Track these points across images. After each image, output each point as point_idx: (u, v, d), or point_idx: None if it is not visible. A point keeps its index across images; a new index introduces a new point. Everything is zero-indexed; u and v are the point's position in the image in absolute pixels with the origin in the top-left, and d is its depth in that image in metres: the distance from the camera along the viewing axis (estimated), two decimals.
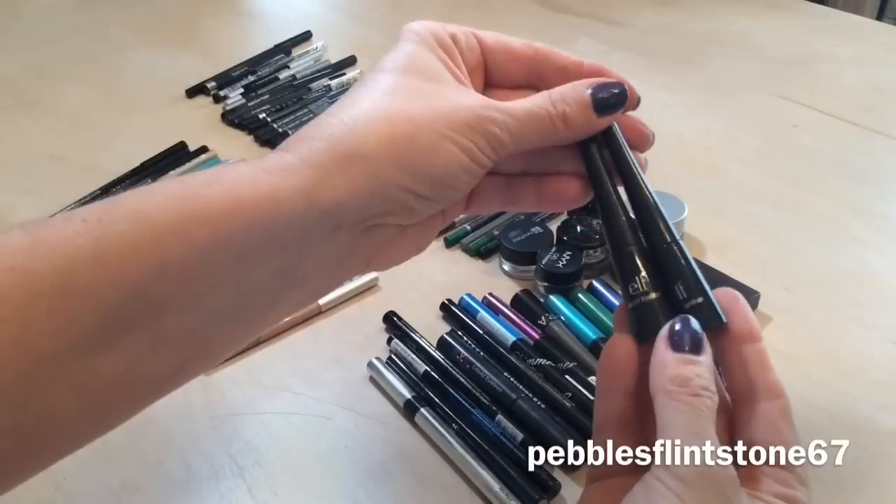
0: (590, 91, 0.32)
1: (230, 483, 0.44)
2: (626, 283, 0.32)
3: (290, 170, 0.28)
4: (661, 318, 0.31)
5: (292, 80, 0.88)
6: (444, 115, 0.30)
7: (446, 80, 0.32)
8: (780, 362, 0.52)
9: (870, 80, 0.86)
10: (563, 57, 0.35)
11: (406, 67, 0.32)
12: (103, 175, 0.71)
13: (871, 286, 0.57)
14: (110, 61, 0.94)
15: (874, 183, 0.70)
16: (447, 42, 0.34)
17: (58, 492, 0.43)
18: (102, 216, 0.25)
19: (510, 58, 0.35)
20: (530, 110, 0.32)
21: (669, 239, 0.32)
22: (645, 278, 0.31)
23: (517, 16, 1.03)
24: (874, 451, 0.45)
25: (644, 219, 0.32)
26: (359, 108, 0.30)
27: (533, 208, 0.37)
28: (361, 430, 0.47)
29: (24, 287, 0.23)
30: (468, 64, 0.34)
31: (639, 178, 0.33)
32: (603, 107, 0.32)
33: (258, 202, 0.27)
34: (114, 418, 0.28)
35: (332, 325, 0.55)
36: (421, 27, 0.33)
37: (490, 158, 0.31)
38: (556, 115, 0.32)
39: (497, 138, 0.31)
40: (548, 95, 0.32)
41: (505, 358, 0.50)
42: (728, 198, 0.67)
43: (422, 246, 0.34)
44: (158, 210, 0.26)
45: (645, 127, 0.35)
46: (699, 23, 1.00)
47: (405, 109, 0.30)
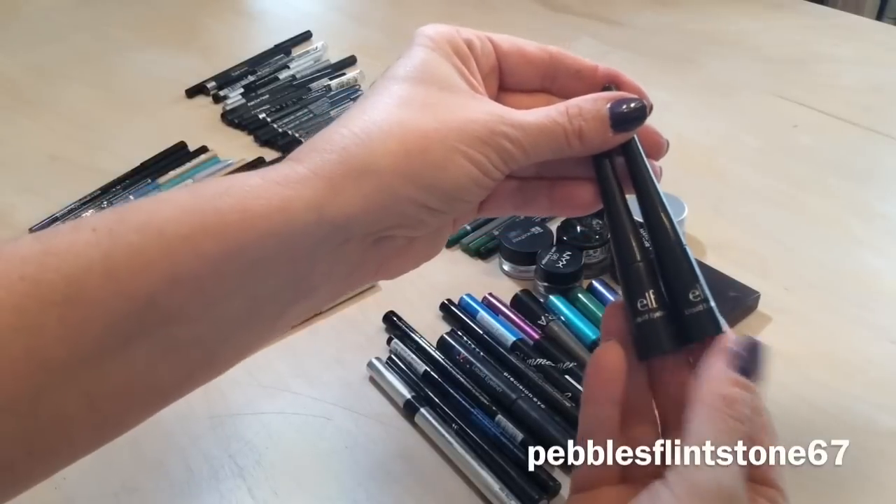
0: (608, 106, 0.32)
1: (230, 483, 0.44)
2: (633, 298, 0.31)
3: (303, 182, 0.28)
4: (666, 336, 0.31)
5: (292, 80, 0.88)
6: (457, 130, 0.29)
7: (460, 90, 0.32)
8: (780, 362, 0.52)
9: (870, 80, 0.86)
10: (578, 61, 0.35)
11: (419, 76, 0.31)
12: (103, 175, 0.71)
13: (871, 286, 0.57)
14: (110, 61, 0.94)
15: (874, 183, 0.70)
16: (462, 49, 0.33)
17: (58, 492, 0.43)
18: (113, 227, 0.25)
19: (525, 62, 0.35)
20: (544, 125, 0.31)
21: (677, 245, 0.31)
22: (653, 295, 0.31)
23: (517, 15, 1.03)
24: (874, 451, 0.45)
25: (654, 225, 0.32)
26: (371, 120, 0.29)
27: (545, 212, 0.36)
28: (361, 430, 0.47)
29: (36, 297, 0.23)
30: (483, 69, 0.34)
31: (653, 189, 0.32)
32: (621, 124, 0.32)
33: (270, 215, 0.27)
34: (123, 425, 0.28)
35: (332, 325, 0.55)
36: (435, 32, 0.33)
37: (502, 172, 0.31)
38: (572, 130, 0.31)
39: (509, 153, 0.30)
40: (565, 109, 0.31)
41: (505, 358, 0.50)
42: (728, 198, 0.67)
43: (432, 254, 0.34)
44: (169, 222, 0.26)
45: (660, 136, 0.34)
46: (699, 23, 1.00)
47: (418, 123, 0.29)
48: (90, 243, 0.24)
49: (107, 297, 0.24)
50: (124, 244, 0.25)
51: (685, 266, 0.31)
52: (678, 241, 0.31)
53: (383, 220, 0.29)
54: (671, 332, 0.31)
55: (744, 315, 0.54)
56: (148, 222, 0.25)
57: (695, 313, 0.30)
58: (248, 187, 0.27)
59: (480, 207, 0.35)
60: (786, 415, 0.47)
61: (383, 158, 0.28)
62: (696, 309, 0.30)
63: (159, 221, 0.26)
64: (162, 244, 0.25)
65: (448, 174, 0.29)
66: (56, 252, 0.24)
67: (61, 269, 0.24)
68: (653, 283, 0.31)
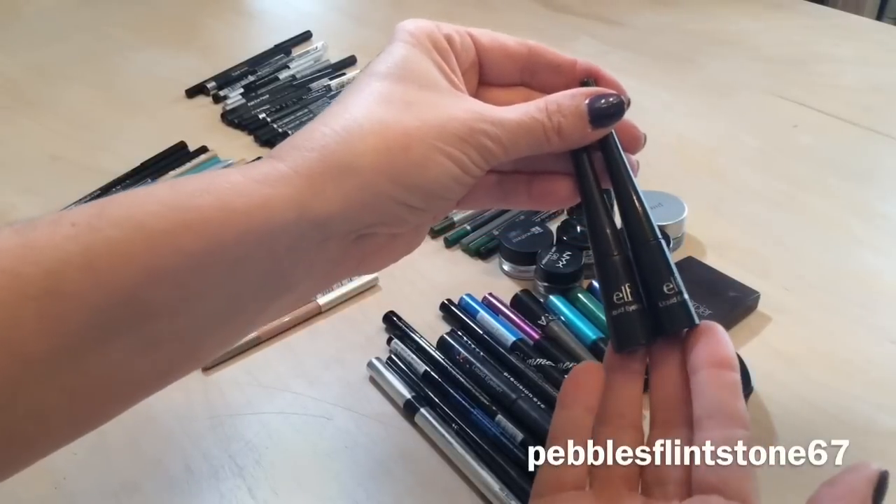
0: (587, 102, 0.32)
1: (230, 483, 0.44)
2: (609, 291, 0.32)
3: (283, 180, 0.28)
4: (641, 329, 0.31)
5: (292, 80, 0.88)
6: (438, 128, 0.30)
7: (440, 87, 0.32)
8: (780, 362, 0.52)
9: (870, 80, 0.86)
10: (557, 55, 0.35)
11: (399, 73, 0.31)
12: (103, 175, 0.71)
13: (871, 286, 0.57)
14: (110, 61, 0.95)
15: (874, 183, 0.70)
16: (442, 44, 0.33)
17: (57, 492, 0.43)
18: (93, 221, 0.25)
19: (504, 56, 0.35)
20: (524, 122, 0.31)
21: (652, 238, 0.32)
22: (629, 288, 0.31)
23: (517, 15, 1.03)
24: (874, 451, 0.45)
25: (630, 219, 0.32)
26: (352, 118, 0.29)
27: (524, 206, 0.37)
28: (361, 430, 0.47)
29: (14, 290, 0.23)
30: (463, 65, 0.34)
31: (629, 183, 0.33)
32: (599, 119, 0.32)
33: (250, 213, 0.27)
34: (103, 416, 0.28)
35: (332, 325, 0.55)
36: (415, 27, 0.33)
37: (482, 169, 0.31)
38: (551, 127, 0.32)
39: (489, 150, 0.31)
40: (544, 105, 0.32)
41: (505, 358, 0.50)
42: (728, 198, 0.67)
43: (413, 247, 0.34)
44: (150, 217, 0.26)
45: (637, 129, 0.35)
46: (699, 23, 1.00)
47: (398, 120, 0.29)
48: (69, 237, 0.24)
49: (86, 291, 0.24)
50: (104, 238, 0.25)
51: (660, 259, 0.32)
52: (653, 234, 0.32)
53: (364, 218, 0.29)
54: (646, 324, 0.31)
55: (744, 315, 0.54)
56: (128, 217, 0.25)
57: (668, 306, 0.31)
58: (228, 184, 0.27)
59: (460, 201, 0.35)
60: (786, 415, 0.47)
61: (364, 156, 0.29)
62: (670, 301, 0.31)
63: (140, 216, 0.25)
64: (142, 239, 0.25)
65: (429, 172, 0.29)
66: (35, 245, 0.24)
67: (40, 262, 0.24)
68: (629, 277, 0.32)
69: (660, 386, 0.32)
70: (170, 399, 0.30)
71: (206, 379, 0.50)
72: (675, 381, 0.32)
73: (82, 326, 0.24)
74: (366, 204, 0.29)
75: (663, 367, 0.33)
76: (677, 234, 0.59)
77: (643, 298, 0.32)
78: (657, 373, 0.33)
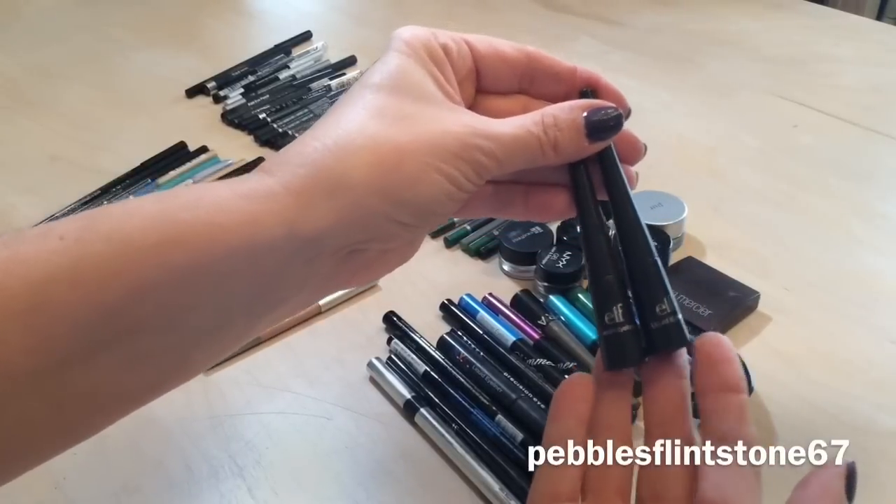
0: (584, 116, 0.31)
1: (230, 483, 0.44)
2: (601, 311, 0.31)
3: (271, 198, 0.27)
4: (632, 349, 0.31)
5: (292, 80, 0.88)
6: (431, 144, 0.29)
7: (435, 99, 0.31)
8: (780, 362, 0.52)
9: (870, 80, 0.86)
10: (556, 63, 0.34)
11: (394, 85, 0.31)
12: (103, 175, 0.71)
13: (871, 286, 0.57)
14: (110, 61, 0.95)
15: (874, 183, 0.70)
16: (438, 53, 0.32)
17: (57, 492, 0.43)
18: (81, 235, 0.25)
19: (502, 64, 0.34)
20: (519, 136, 0.31)
21: (648, 256, 0.31)
22: (622, 308, 0.31)
23: (517, 15, 1.03)
24: (874, 451, 0.45)
25: (626, 235, 0.32)
26: (344, 132, 0.29)
27: (521, 217, 0.36)
28: (361, 430, 0.47)
29: (0, 305, 0.23)
30: (459, 73, 0.33)
31: (626, 197, 0.32)
32: (596, 133, 0.31)
33: (237, 229, 0.27)
34: (92, 428, 0.28)
35: (332, 325, 0.55)
36: (411, 36, 0.32)
37: (475, 184, 0.30)
38: (547, 141, 0.31)
39: (483, 165, 0.30)
40: (540, 119, 0.31)
41: (505, 358, 0.50)
42: (728, 198, 0.67)
43: (406, 259, 0.34)
44: (138, 232, 0.25)
45: (638, 140, 0.34)
46: (699, 23, 1.00)
47: (391, 136, 0.29)
48: (57, 251, 0.24)
49: (73, 305, 0.24)
50: (92, 253, 0.24)
51: (654, 279, 0.31)
52: (649, 252, 0.31)
53: (355, 235, 0.29)
54: (638, 344, 0.31)
55: (744, 315, 0.54)
56: (116, 231, 0.25)
57: (661, 326, 0.30)
58: (217, 201, 0.27)
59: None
60: (786, 415, 0.47)
61: (355, 174, 0.28)
62: (663, 323, 0.30)
63: (128, 230, 0.25)
64: (129, 255, 0.25)
65: (421, 189, 0.29)
66: (22, 259, 0.24)
67: (27, 276, 0.24)
68: (622, 297, 0.31)
69: (654, 400, 0.32)
70: (170, 399, 0.29)
71: (206, 379, 0.50)
72: (670, 397, 0.31)
73: (68, 342, 0.24)
74: (357, 220, 0.28)
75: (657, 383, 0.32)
76: (677, 234, 0.59)
77: (636, 318, 0.31)
78: (651, 389, 0.32)
